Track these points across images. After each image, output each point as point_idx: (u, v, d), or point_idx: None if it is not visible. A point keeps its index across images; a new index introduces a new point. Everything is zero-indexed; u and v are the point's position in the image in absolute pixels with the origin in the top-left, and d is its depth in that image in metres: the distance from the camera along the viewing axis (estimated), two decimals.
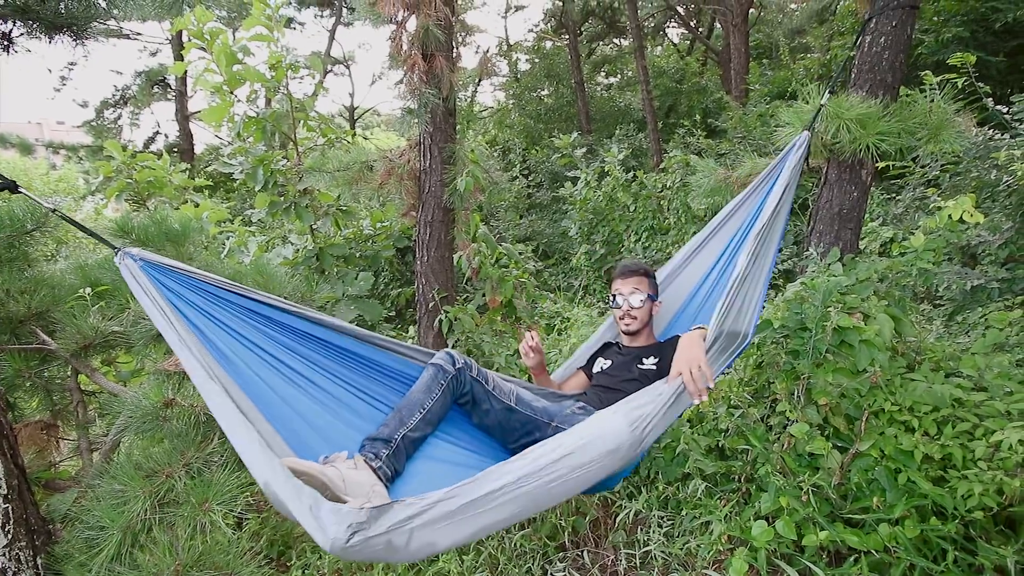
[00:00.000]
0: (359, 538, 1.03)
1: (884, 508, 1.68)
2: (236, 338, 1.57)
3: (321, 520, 1.03)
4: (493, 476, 1.18)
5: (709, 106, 9.98)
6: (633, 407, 1.37)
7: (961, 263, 3.67)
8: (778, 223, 1.89)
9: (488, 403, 1.70)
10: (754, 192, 2.08)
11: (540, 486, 1.19)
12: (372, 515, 1.06)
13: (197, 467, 1.65)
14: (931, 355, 2.05)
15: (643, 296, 1.98)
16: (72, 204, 9.58)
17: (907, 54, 2.37)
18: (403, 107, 3.11)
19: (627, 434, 1.26)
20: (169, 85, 10.88)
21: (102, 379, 2.21)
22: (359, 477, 1.33)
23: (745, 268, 1.69)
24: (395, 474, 1.47)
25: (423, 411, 1.58)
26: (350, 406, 1.64)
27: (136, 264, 1.46)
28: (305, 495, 1.08)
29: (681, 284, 2.18)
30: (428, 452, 1.61)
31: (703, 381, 1.45)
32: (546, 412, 1.71)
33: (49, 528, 1.77)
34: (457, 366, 1.68)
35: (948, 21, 6.16)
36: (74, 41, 1.64)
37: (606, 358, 2.05)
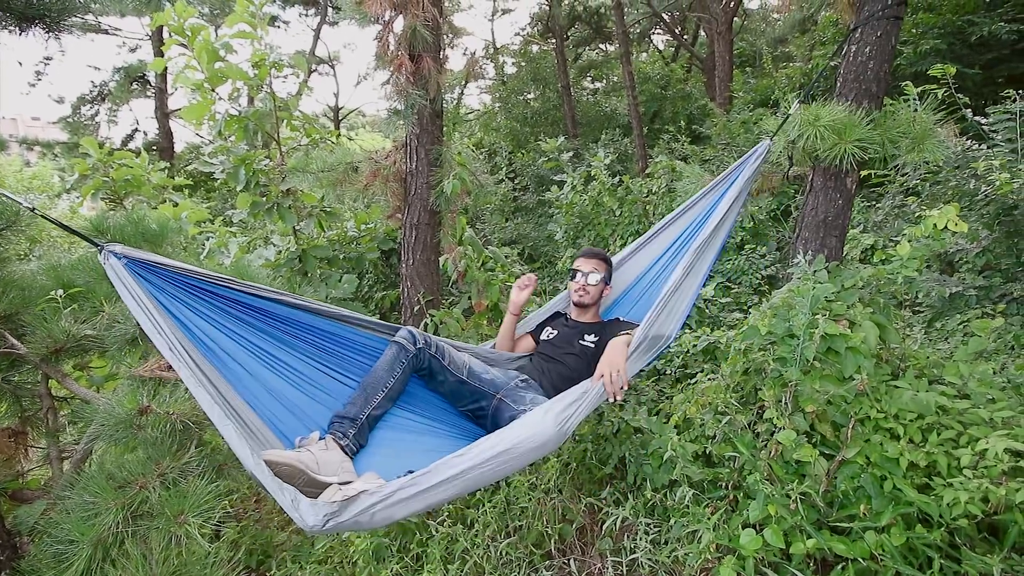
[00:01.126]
0: (332, 523, 1.30)
1: (871, 516, 1.68)
2: (220, 329, 1.66)
3: (301, 511, 1.29)
4: (446, 467, 1.41)
5: (694, 112, 10.09)
6: (561, 408, 1.57)
7: (940, 271, 3.75)
8: (719, 236, 2.14)
9: (443, 375, 1.95)
10: (707, 194, 2.32)
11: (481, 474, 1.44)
12: (343, 505, 1.32)
13: (172, 477, 1.60)
14: (915, 362, 2.07)
15: (599, 276, 2.26)
16: (47, 202, 9.30)
17: (891, 64, 2.41)
18: (389, 108, 3.07)
19: (554, 432, 1.50)
20: (149, 82, 10.66)
21: (73, 384, 2.12)
22: (330, 457, 1.55)
23: (679, 280, 1.94)
24: (360, 447, 1.71)
25: (386, 389, 1.81)
26: (321, 384, 1.83)
27: (120, 262, 1.46)
28: (287, 491, 1.32)
29: (627, 272, 2.48)
30: (389, 422, 1.85)
31: (619, 383, 1.70)
32: (492, 384, 1.96)
33: (15, 542, 1.69)
34: (418, 346, 1.90)
35: (926, 33, 6.30)
36: (47, 34, 1.57)
37: (553, 328, 2.31)
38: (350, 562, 2.32)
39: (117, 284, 1.44)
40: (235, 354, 1.67)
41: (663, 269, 2.41)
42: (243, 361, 1.67)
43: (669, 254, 2.41)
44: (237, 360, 1.66)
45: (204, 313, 1.64)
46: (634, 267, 2.49)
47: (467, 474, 1.41)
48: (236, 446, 1.34)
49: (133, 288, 1.44)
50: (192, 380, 1.40)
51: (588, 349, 2.13)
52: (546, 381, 2.07)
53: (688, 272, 2.01)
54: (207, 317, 1.65)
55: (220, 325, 1.67)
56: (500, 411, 1.89)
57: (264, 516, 2.90)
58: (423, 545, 2.27)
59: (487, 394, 1.94)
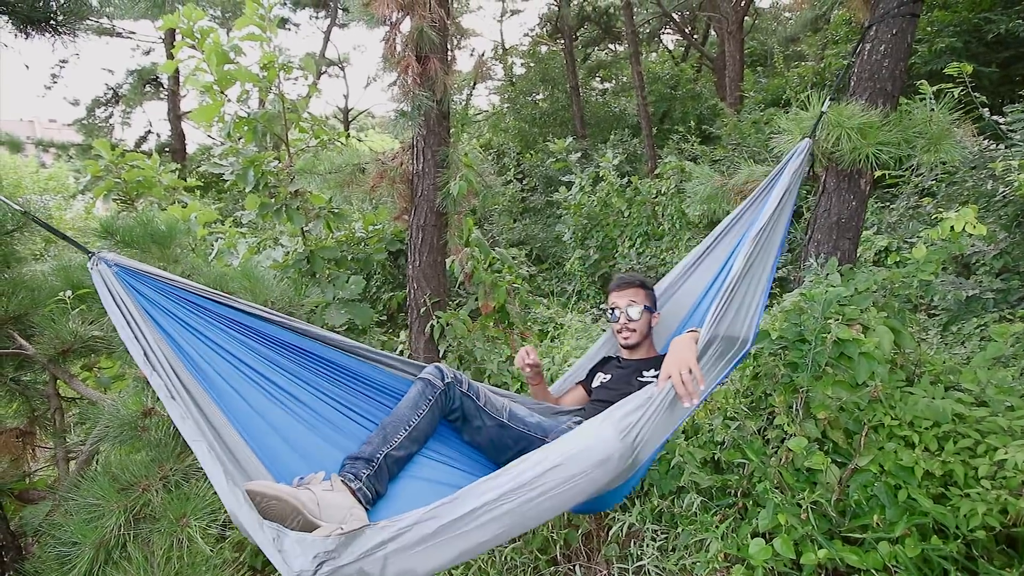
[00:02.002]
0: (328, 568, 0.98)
1: (884, 526, 1.64)
2: (214, 349, 1.48)
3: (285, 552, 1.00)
4: (474, 494, 1.12)
5: (704, 112, 10.00)
6: (621, 414, 1.31)
7: (956, 273, 3.67)
8: (778, 227, 1.82)
9: (479, 419, 1.62)
10: (755, 201, 2.02)
11: (525, 502, 1.13)
12: (342, 542, 1.02)
13: (176, 480, 1.59)
14: (931, 368, 2.02)
15: (640, 308, 1.93)
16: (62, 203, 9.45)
17: (907, 63, 2.36)
18: (396, 109, 3.06)
19: (616, 443, 1.20)
20: (161, 84, 10.78)
21: (80, 385, 2.14)
22: (336, 499, 1.24)
23: (742, 270, 1.62)
24: (376, 496, 1.38)
25: (409, 428, 1.50)
26: (331, 421, 1.55)
27: (110, 270, 1.37)
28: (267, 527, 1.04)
29: (683, 296, 2.11)
30: (414, 472, 1.52)
31: (693, 384, 1.38)
32: (540, 428, 1.65)
33: (20, 543, 1.70)
34: (446, 381, 1.61)
35: (941, 31, 6.20)
36: (54, 37, 1.58)
37: (605, 372, 1.99)
38: None
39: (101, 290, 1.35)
40: (229, 378, 1.47)
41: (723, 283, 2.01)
42: (238, 386, 1.47)
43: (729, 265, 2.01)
44: (231, 384, 1.46)
45: (197, 331, 1.47)
46: (690, 291, 2.11)
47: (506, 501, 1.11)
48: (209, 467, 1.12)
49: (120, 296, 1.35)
50: (163, 391, 1.25)
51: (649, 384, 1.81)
52: None
53: (751, 262, 1.67)
54: (200, 335, 1.47)
55: (214, 345, 1.48)
56: None
57: None
58: None
59: (535, 439, 1.60)
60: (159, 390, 1.25)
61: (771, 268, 1.76)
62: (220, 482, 1.10)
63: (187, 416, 1.21)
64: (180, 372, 1.33)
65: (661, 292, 2.10)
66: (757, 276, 1.71)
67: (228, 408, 1.41)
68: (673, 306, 2.10)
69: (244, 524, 1.04)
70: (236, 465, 1.26)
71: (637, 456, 1.29)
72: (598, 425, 1.25)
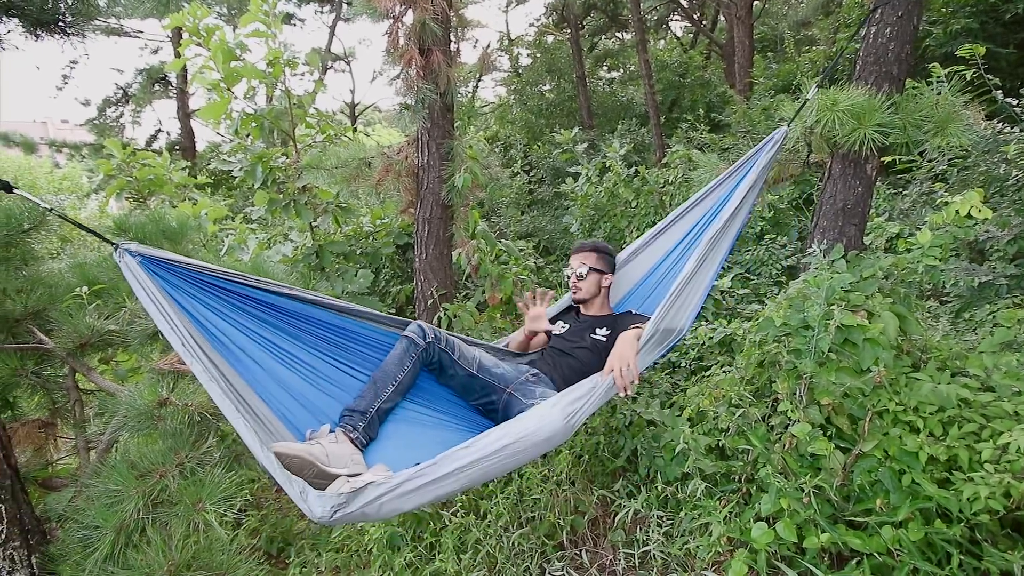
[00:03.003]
0: (340, 514, 1.31)
1: (887, 510, 1.64)
2: (233, 325, 1.69)
3: (309, 502, 1.31)
4: (452, 459, 1.41)
5: (713, 100, 9.88)
6: (569, 401, 1.59)
7: (968, 259, 3.62)
8: (733, 226, 2.09)
9: (453, 369, 1.95)
10: (723, 183, 2.27)
11: (487, 465, 1.44)
12: (350, 496, 1.32)
13: (191, 467, 1.65)
14: (937, 354, 2.01)
15: (587, 267, 2.24)
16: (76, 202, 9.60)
17: (913, 45, 2.32)
18: (400, 103, 3.08)
19: (561, 425, 1.50)
20: (170, 83, 10.87)
21: (98, 378, 2.20)
22: (340, 449, 1.56)
23: (692, 271, 1.92)
24: (370, 440, 1.71)
25: (396, 383, 1.81)
26: (330, 377, 1.85)
27: (135, 260, 1.50)
28: (295, 482, 1.34)
29: (641, 262, 2.44)
30: (399, 415, 1.85)
31: (630, 377, 1.70)
32: (503, 378, 1.97)
33: (44, 528, 1.77)
34: (428, 340, 1.90)
35: (957, 12, 6.05)
36: (63, 39, 1.61)
37: (565, 321, 2.30)
38: (365, 550, 2.36)
39: (132, 282, 1.48)
40: (247, 348, 1.70)
41: (677, 260, 2.37)
42: (255, 355, 1.70)
43: (683, 244, 2.37)
44: (249, 354, 1.69)
45: (216, 309, 1.67)
46: (648, 258, 2.45)
47: (474, 466, 1.42)
48: (247, 438, 1.36)
49: (147, 285, 1.48)
50: (204, 375, 1.42)
51: (599, 343, 2.12)
52: (557, 375, 2.06)
53: (701, 263, 1.97)
54: (219, 312, 1.68)
55: (232, 320, 1.70)
56: (510, 405, 1.89)
57: (284, 505, 2.97)
58: (436, 535, 2.30)
59: (497, 388, 1.94)
60: (200, 375, 1.41)
61: (719, 265, 2.06)
62: (256, 449, 1.35)
63: (226, 395, 1.40)
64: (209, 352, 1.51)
65: (625, 256, 2.44)
66: (704, 274, 2.01)
67: (248, 375, 1.65)
68: (629, 273, 2.44)
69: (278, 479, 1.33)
70: (263, 428, 1.50)
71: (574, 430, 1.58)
72: (548, 410, 1.53)
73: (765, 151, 2.16)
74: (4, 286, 2.23)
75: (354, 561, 2.37)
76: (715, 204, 2.30)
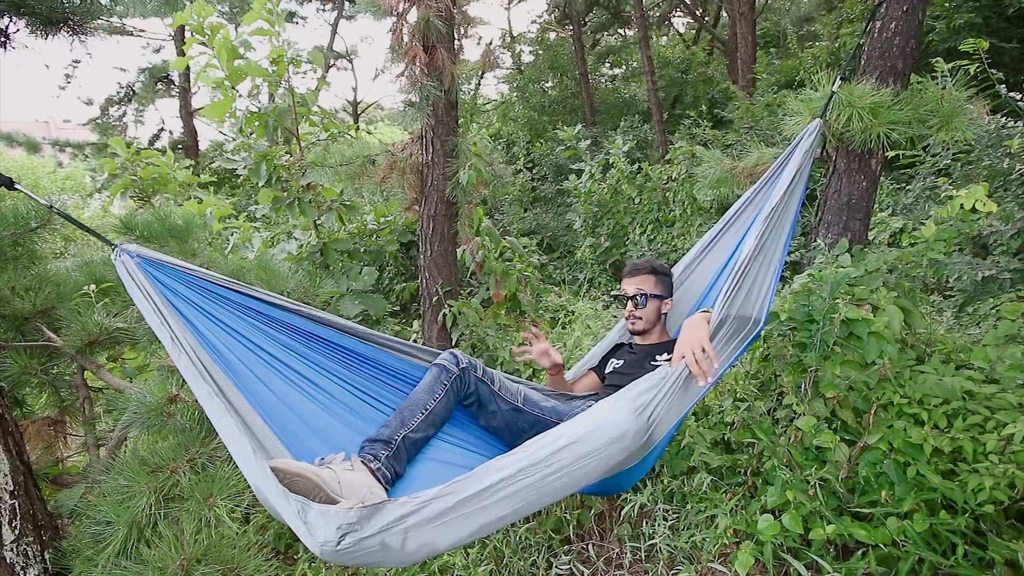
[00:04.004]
0: (350, 540, 1.00)
1: (892, 502, 1.66)
2: (234, 336, 1.54)
3: (310, 523, 1.01)
4: (491, 470, 1.14)
5: (715, 96, 9.87)
6: (636, 393, 1.33)
7: (972, 253, 3.62)
8: (790, 207, 1.82)
9: (494, 404, 1.65)
10: (766, 183, 2.01)
11: (541, 479, 1.15)
12: (364, 514, 1.03)
13: (202, 462, 1.66)
14: (941, 347, 2.01)
15: (647, 294, 1.93)
16: (79, 202, 9.64)
17: (919, 40, 2.32)
18: (405, 100, 3.09)
19: (631, 420, 1.22)
20: (172, 82, 10.89)
21: (107, 375, 2.22)
22: (356, 479, 1.27)
23: (753, 249, 1.62)
24: (395, 476, 1.41)
25: (425, 412, 1.53)
26: (350, 406, 1.60)
27: (133, 261, 1.44)
28: (293, 499, 1.05)
29: (696, 280, 2.10)
30: (431, 455, 1.55)
31: (707, 362, 1.40)
32: (555, 411, 1.68)
33: (56, 523, 1.78)
34: (461, 366, 1.63)
35: (960, 7, 6.03)
36: (72, 37, 1.63)
37: (618, 359, 2.00)
38: None
39: (125, 279, 1.41)
40: (249, 363, 1.52)
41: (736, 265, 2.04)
42: (257, 370, 1.52)
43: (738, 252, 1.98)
44: (251, 369, 1.51)
45: (215, 317, 1.53)
46: (702, 275, 2.11)
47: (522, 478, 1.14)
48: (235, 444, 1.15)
49: (143, 284, 1.41)
50: (190, 372, 1.29)
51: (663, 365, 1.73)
52: None
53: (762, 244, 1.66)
54: (218, 321, 1.53)
55: (232, 331, 1.54)
56: None
57: None
58: None
59: (550, 423, 1.60)
60: (185, 372, 1.30)
61: (783, 248, 1.76)
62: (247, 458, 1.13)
63: (213, 396, 1.25)
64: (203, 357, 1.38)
65: (678, 274, 2.09)
66: (769, 256, 1.71)
67: (248, 391, 1.46)
68: (686, 291, 2.09)
69: (269, 498, 1.06)
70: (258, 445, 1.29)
71: (652, 434, 1.31)
72: (613, 403, 1.28)
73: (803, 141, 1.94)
74: (13, 284, 2.24)
75: None
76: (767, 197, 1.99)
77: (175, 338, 1.34)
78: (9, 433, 1.63)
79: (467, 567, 2.14)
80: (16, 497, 1.59)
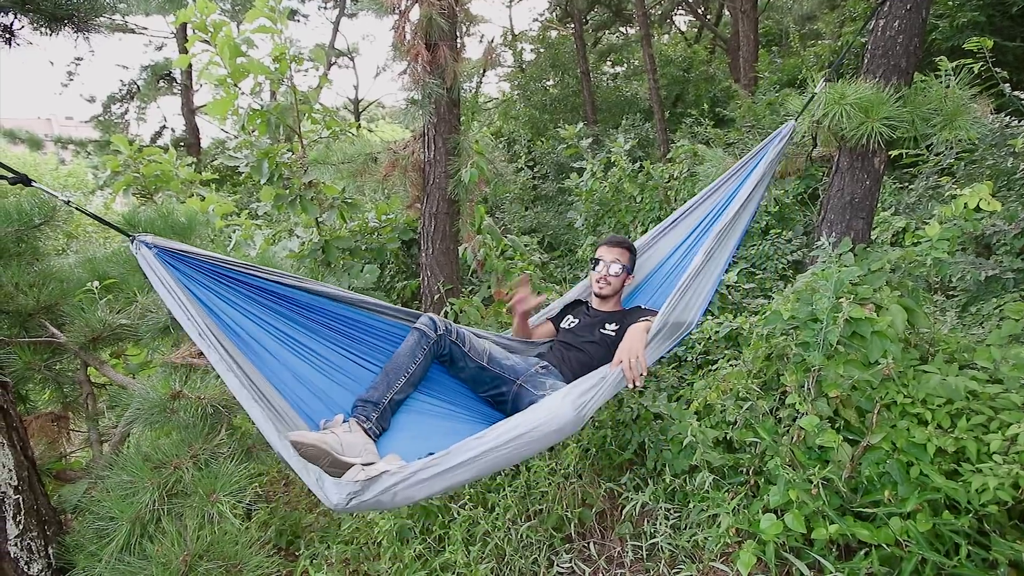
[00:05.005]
0: (355, 501, 1.33)
1: (896, 502, 1.66)
2: (247, 316, 1.71)
3: (325, 490, 1.33)
4: (463, 450, 1.44)
5: (717, 95, 9.85)
6: (579, 393, 1.60)
7: (975, 253, 3.61)
8: (741, 220, 2.09)
9: (463, 362, 1.97)
10: (731, 178, 2.27)
11: (498, 456, 1.47)
12: (366, 484, 1.35)
13: (205, 459, 1.66)
14: (945, 347, 2.01)
15: (621, 266, 2.24)
16: (82, 198, 9.64)
17: (922, 38, 2.31)
18: (407, 98, 3.08)
19: (571, 416, 1.52)
20: (175, 79, 10.89)
21: (111, 371, 2.22)
22: (353, 439, 1.57)
23: (700, 265, 1.92)
24: (382, 431, 1.73)
25: (407, 375, 1.83)
26: (344, 369, 1.87)
27: (151, 252, 1.51)
28: (311, 470, 1.36)
29: (649, 258, 2.44)
30: (410, 406, 1.87)
31: (639, 369, 1.73)
32: (513, 371, 1.98)
33: (60, 518, 1.79)
34: (439, 332, 1.92)
35: (963, 5, 6.01)
36: (76, 34, 1.63)
37: (574, 316, 2.31)
38: (375, 542, 2.38)
39: (149, 273, 1.49)
40: (261, 339, 1.71)
41: (685, 255, 2.38)
42: (269, 346, 1.72)
43: (691, 239, 2.37)
44: (263, 345, 1.71)
45: (231, 300, 1.69)
46: (656, 253, 2.46)
47: (485, 456, 1.44)
48: (263, 427, 1.38)
49: (164, 277, 1.49)
50: (221, 365, 1.43)
51: (608, 337, 2.13)
52: (566, 368, 2.08)
53: (709, 257, 1.98)
54: (234, 304, 1.69)
55: (246, 312, 1.72)
56: (520, 396, 1.91)
57: (292, 498, 2.99)
58: (445, 527, 2.32)
59: (507, 380, 1.96)
60: (216, 364, 1.43)
61: (727, 259, 2.07)
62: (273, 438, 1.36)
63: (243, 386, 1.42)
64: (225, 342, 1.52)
65: None
66: (713, 268, 2.01)
67: (263, 366, 1.66)
68: (640, 265, 2.41)
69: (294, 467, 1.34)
70: (278, 418, 1.51)
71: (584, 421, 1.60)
72: (559, 402, 1.56)
73: (772, 145, 2.17)
74: (17, 280, 2.25)
75: (364, 553, 2.39)
76: (723, 199, 2.31)
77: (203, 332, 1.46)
78: (13, 428, 1.63)
79: (468, 565, 2.14)
80: (20, 492, 1.60)
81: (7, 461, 1.58)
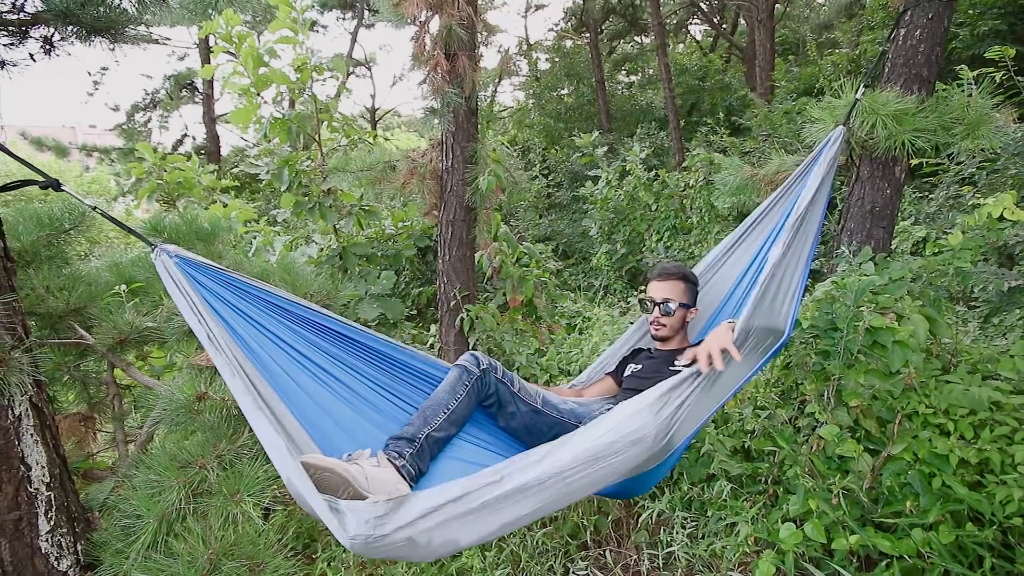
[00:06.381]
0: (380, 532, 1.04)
1: (917, 513, 1.63)
2: (266, 335, 1.60)
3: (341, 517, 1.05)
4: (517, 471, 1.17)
5: (733, 104, 9.83)
6: (657, 395, 1.32)
7: (998, 263, 3.55)
8: (814, 216, 1.80)
9: (514, 405, 1.67)
10: (789, 189, 1.99)
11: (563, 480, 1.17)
12: (391, 508, 1.08)
13: (228, 459, 1.69)
14: (967, 357, 1.99)
15: (676, 303, 1.89)
16: (105, 205, 9.88)
17: (943, 48, 2.31)
18: (426, 107, 3.13)
19: (652, 421, 1.22)
20: (196, 88, 11.14)
21: (137, 373, 2.28)
22: (382, 475, 1.30)
23: (779, 259, 1.59)
24: (419, 473, 1.44)
25: (447, 411, 1.56)
26: (375, 404, 1.64)
27: (172, 261, 1.50)
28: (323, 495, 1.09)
29: (715, 286, 2.07)
30: (453, 453, 1.58)
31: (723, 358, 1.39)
32: (573, 414, 1.69)
33: (88, 516, 1.83)
34: (482, 367, 1.65)
35: (984, 14, 5.96)
36: (110, 45, 1.69)
37: (636, 363, 1.97)
38: None
39: (166, 279, 1.47)
40: (280, 360, 1.58)
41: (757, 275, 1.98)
42: (288, 369, 1.58)
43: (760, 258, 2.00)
44: (282, 366, 1.57)
45: (249, 316, 1.59)
46: (722, 281, 2.08)
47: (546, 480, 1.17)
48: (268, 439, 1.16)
49: (181, 283, 1.46)
50: (227, 369, 1.33)
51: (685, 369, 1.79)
52: None
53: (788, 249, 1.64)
54: (251, 320, 1.59)
55: (266, 330, 1.60)
56: None
57: None
58: None
59: (568, 424, 1.65)
60: (222, 368, 1.34)
61: (807, 258, 1.75)
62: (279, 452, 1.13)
63: (248, 392, 1.28)
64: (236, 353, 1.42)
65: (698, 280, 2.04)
66: (793, 265, 1.69)
67: (279, 387, 1.51)
68: (707, 294, 2.06)
69: (301, 492, 1.07)
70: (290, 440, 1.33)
71: (672, 436, 1.31)
72: (634, 405, 1.28)
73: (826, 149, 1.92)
74: (47, 284, 2.32)
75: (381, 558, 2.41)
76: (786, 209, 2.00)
77: (212, 336, 1.39)
78: (47, 427, 1.68)
79: (484, 570, 2.15)
80: (52, 489, 1.64)
81: (40, 458, 1.63)
